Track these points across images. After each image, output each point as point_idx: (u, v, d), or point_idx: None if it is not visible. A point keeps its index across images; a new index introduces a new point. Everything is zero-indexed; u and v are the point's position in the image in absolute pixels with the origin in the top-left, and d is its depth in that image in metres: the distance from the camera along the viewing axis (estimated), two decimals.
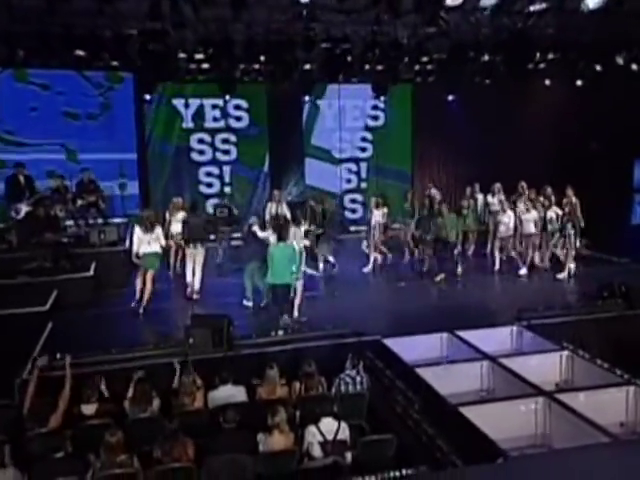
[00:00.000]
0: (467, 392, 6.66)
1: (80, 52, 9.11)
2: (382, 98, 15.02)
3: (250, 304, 9.42)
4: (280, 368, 6.63)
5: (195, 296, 10.00)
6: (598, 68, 12.41)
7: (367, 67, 12.34)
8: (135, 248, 9.27)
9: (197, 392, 6.41)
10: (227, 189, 15.29)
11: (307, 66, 12.15)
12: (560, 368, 7.14)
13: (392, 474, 4.80)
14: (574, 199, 11.42)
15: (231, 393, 6.38)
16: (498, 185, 12.54)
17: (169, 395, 6.50)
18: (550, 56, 10.66)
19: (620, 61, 11.10)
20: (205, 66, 11.88)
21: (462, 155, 16.02)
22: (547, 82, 14.52)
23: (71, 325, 8.60)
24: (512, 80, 13.57)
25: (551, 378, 6.94)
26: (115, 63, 11.02)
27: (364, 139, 16.41)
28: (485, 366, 6.97)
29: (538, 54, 10.47)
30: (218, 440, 5.50)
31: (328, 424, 5.56)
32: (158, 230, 9.39)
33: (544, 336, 7.66)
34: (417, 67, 12.64)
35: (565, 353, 7.19)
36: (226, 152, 15.37)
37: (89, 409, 6.25)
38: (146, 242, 9.23)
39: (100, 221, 12.10)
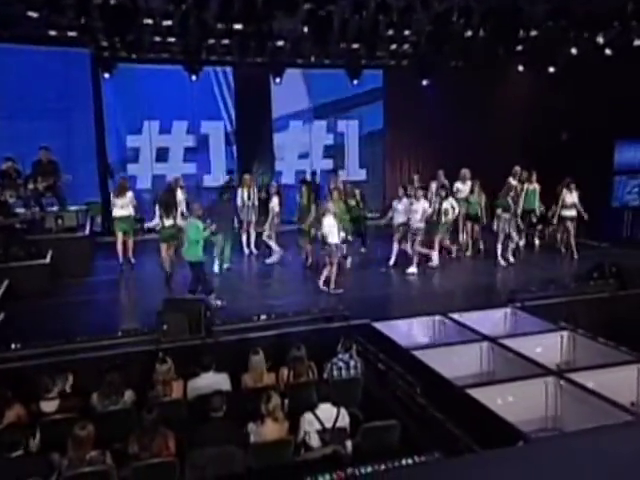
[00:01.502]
0: (468, 375, 6.27)
1: (33, 14, 8.29)
2: (355, 82, 14.62)
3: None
4: (265, 354, 6.10)
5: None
6: (574, 51, 12.38)
7: (344, 45, 11.99)
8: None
9: (174, 381, 5.82)
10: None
11: (280, 42, 11.66)
12: (561, 348, 6.85)
13: (404, 462, 4.33)
14: (536, 185, 11.25)
15: (214, 381, 5.81)
16: (465, 171, 11.92)
17: (143, 386, 5.88)
18: (533, 33, 10.42)
19: (600, 40, 10.98)
20: (171, 39, 11.24)
21: (434, 142, 15.80)
22: (520, 68, 14.48)
23: (27, 315, 7.88)
24: (488, 63, 13.42)
25: (552, 359, 6.61)
26: (73, 33, 10.26)
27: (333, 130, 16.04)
28: (484, 347, 6.62)
29: (521, 31, 10.19)
30: (203, 431, 4.94)
31: (326, 410, 5.08)
32: (129, 195, 10.58)
33: (541, 317, 7.37)
34: (394, 46, 12.33)
35: (565, 333, 6.91)
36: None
37: (50, 406, 5.59)
38: (119, 206, 10.48)
39: (55, 208, 11.22)
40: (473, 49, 11.61)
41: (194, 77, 13.52)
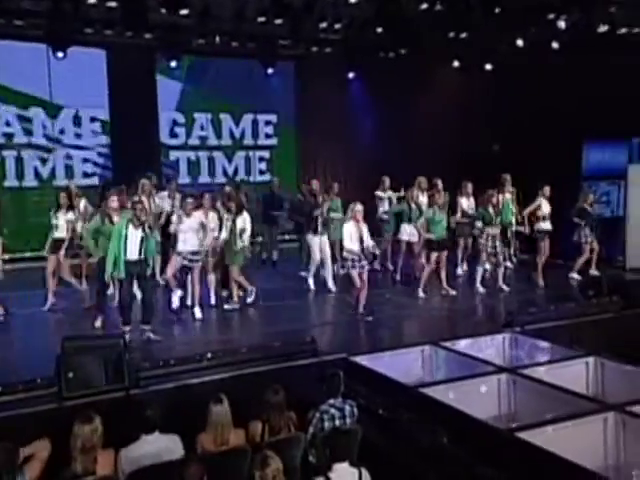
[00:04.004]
0: (488, 417, 5.77)
1: None
2: (270, 70, 14.13)
3: None
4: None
5: None
6: (520, 43, 12.82)
7: (262, 19, 11.51)
8: None
9: (100, 451, 4.73)
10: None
11: (184, 11, 10.86)
12: (587, 377, 6.58)
13: None
14: (508, 194, 11.30)
15: (162, 445, 4.81)
16: (422, 179, 11.67)
17: (49, 461, 4.74)
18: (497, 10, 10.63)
19: (562, 25, 11.44)
20: None
21: (354, 146, 15.94)
22: (456, 63, 14.78)
23: None
24: (432, 49, 13.47)
25: (579, 390, 6.29)
26: None
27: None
28: (503, 381, 6.18)
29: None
30: None
31: (344, 473, 4.30)
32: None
33: (551, 342, 7.13)
34: (324, 24, 12.07)
35: (591, 359, 6.65)
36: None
37: None
38: None
39: None
40: (419, 31, 11.58)
41: (60, 54, 12.31)
